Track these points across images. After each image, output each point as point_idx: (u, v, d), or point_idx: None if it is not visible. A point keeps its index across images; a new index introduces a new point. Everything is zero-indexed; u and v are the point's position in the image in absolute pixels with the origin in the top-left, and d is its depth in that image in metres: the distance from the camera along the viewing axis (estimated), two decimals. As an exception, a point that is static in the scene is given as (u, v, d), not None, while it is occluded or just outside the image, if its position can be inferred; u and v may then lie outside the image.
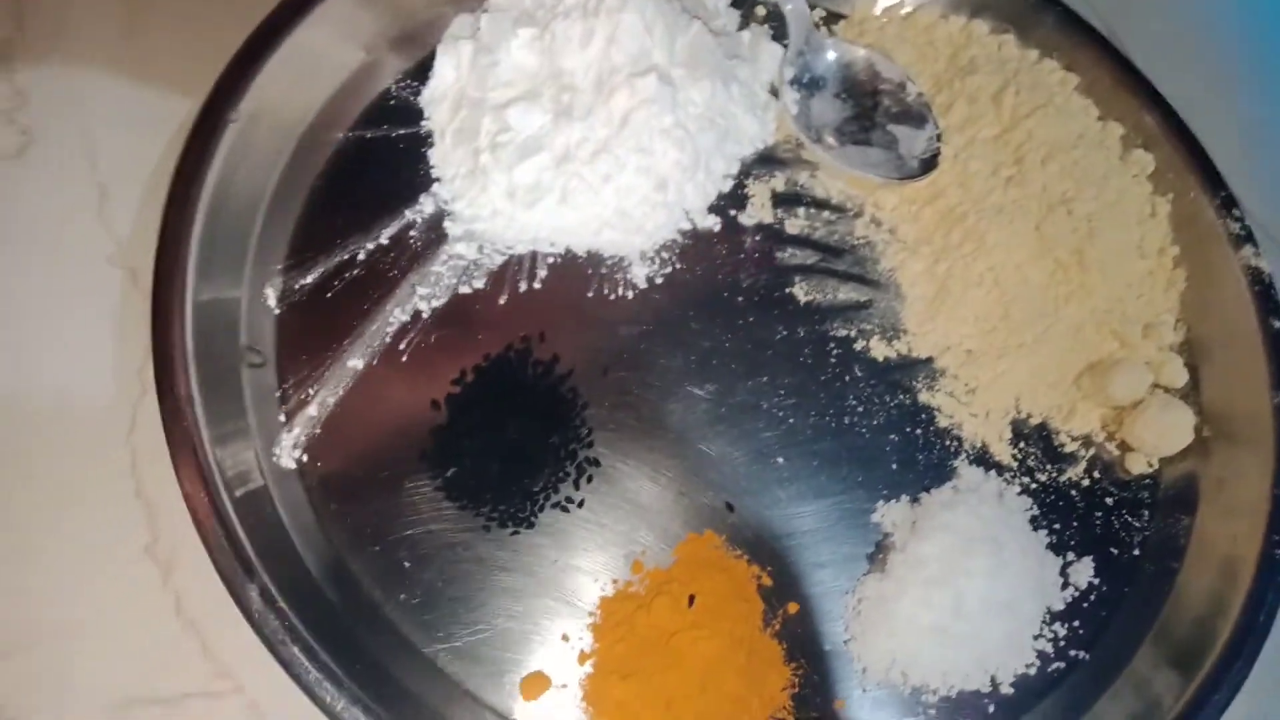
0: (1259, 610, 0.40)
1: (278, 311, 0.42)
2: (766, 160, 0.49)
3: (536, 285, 0.45)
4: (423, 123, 0.47)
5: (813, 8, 0.51)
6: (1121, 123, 0.50)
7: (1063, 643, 0.41)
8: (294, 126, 0.45)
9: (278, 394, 0.41)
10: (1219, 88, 0.57)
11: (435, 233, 0.45)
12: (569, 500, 0.41)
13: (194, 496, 0.36)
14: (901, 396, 0.45)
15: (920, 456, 0.44)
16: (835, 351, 0.46)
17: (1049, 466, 0.44)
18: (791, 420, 0.44)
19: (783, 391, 0.44)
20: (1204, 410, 0.46)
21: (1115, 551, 0.43)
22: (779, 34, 0.51)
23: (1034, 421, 0.45)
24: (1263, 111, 0.57)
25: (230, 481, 0.37)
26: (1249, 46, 0.59)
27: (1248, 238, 0.47)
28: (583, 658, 0.38)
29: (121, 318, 0.42)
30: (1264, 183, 0.53)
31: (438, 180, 0.46)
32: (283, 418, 0.40)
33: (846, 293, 0.47)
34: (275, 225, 0.44)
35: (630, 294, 0.45)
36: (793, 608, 0.41)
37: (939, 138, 0.48)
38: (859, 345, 0.46)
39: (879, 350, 0.46)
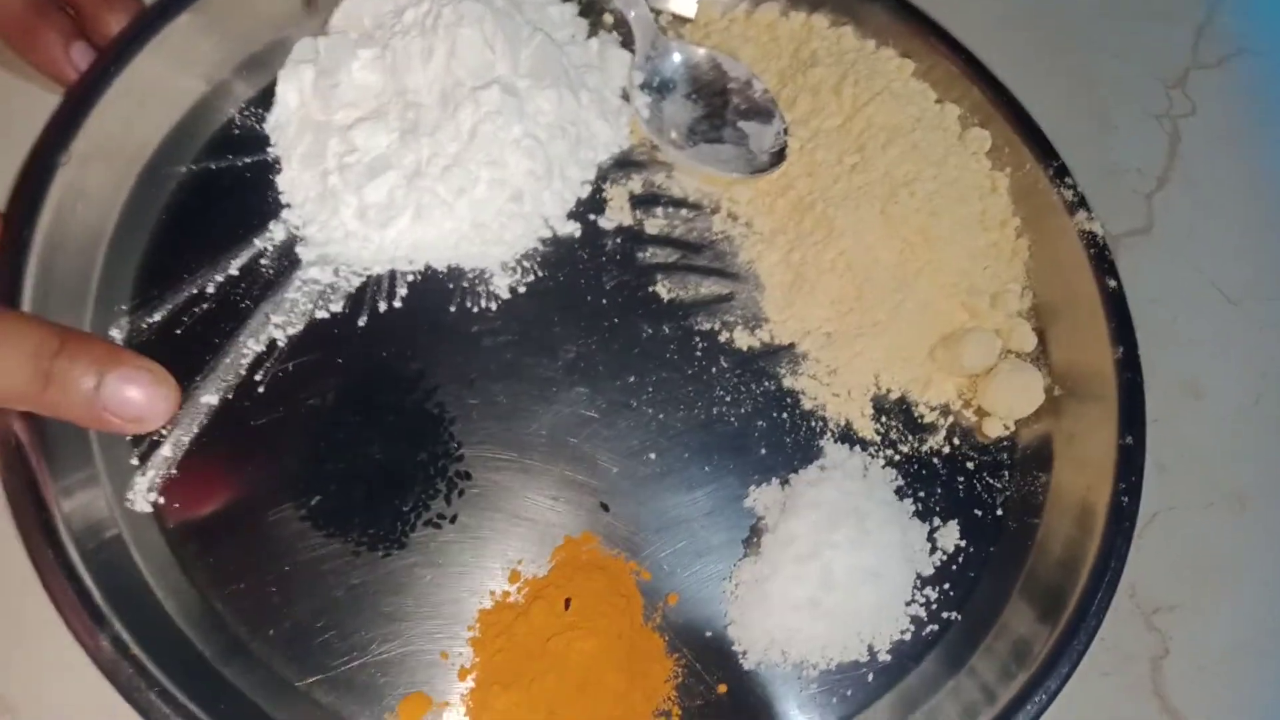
0: (1110, 555, 0.42)
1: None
2: (623, 164, 0.50)
3: (397, 304, 0.44)
4: (269, 149, 0.46)
5: (657, 14, 0.52)
6: (958, 104, 0.52)
7: (935, 605, 0.43)
8: (133, 162, 0.44)
9: (128, 437, 0.39)
10: (1048, 62, 0.60)
11: (288, 259, 0.44)
12: (441, 516, 0.41)
13: (39, 555, 0.35)
14: (767, 383, 0.46)
15: (788, 439, 0.45)
16: (701, 345, 0.46)
17: (910, 437, 0.46)
18: (662, 416, 0.45)
19: (651, 389, 0.45)
20: (1053, 371, 0.48)
21: (979, 513, 0.45)
22: (627, 41, 0.51)
23: (894, 396, 0.47)
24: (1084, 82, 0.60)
25: (80, 535, 0.36)
26: (1073, 18, 0.62)
27: (1081, 203, 0.49)
28: (463, 673, 0.38)
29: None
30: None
31: (287, 206, 0.45)
32: (135, 460, 0.39)
33: (708, 287, 0.48)
34: (118, 265, 0.42)
35: (494, 305, 0.45)
36: (672, 599, 0.41)
37: (786, 131, 0.50)
38: (723, 337, 0.47)
39: (743, 340, 0.47)
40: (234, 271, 0.43)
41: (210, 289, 0.43)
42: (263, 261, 0.44)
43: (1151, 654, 0.46)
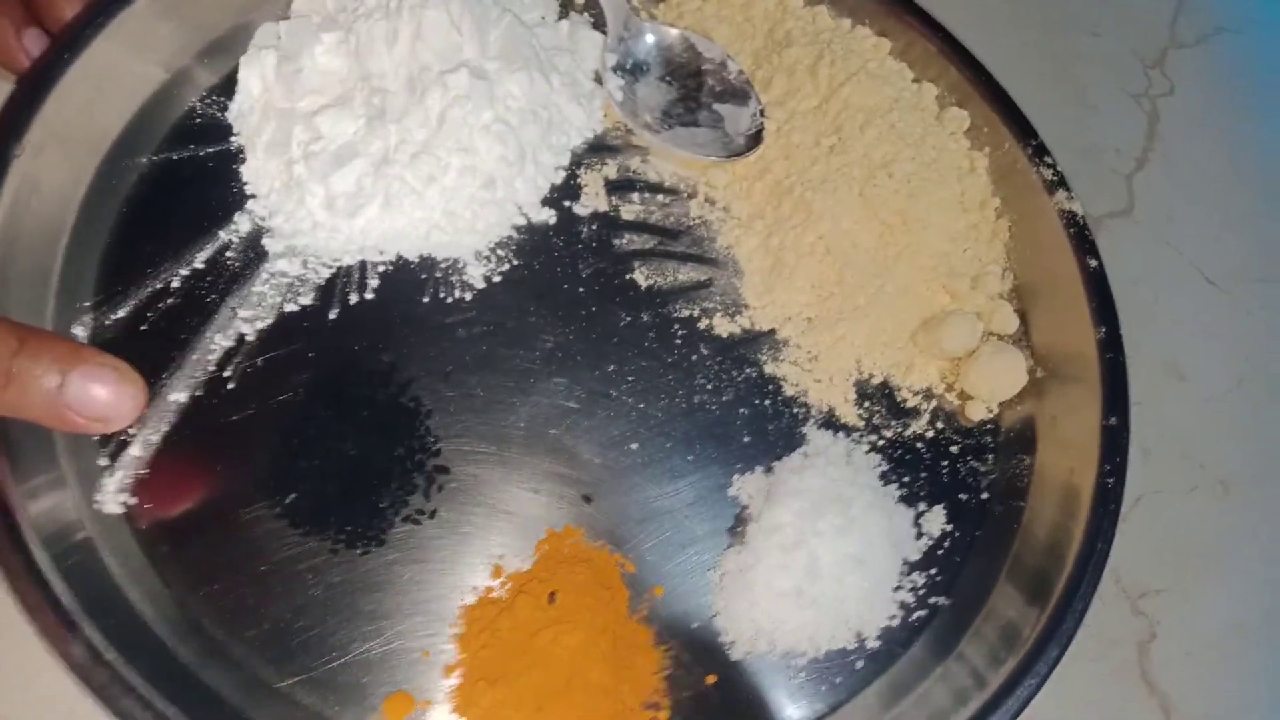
0: (1096, 538, 0.42)
1: (89, 350, 0.40)
2: (597, 148, 0.49)
3: (369, 296, 0.43)
4: (232, 138, 0.45)
5: (629, -7, 0.51)
6: (935, 83, 0.51)
7: (922, 590, 0.43)
8: (91, 153, 0.43)
9: (96, 437, 0.38)
10: (1025, 40, 0.59)
11: (254, 252, 0.43)
12: (420, 512, 0.40)
13: (6, 559, 0.33)
14: (748, 370, 0.45)
15: (771, 427, 0.44)
16: (680, 333, 0.46)
17: (894, 422, 0.46)
18: (642, 405, 0.44)
19: (631, 378, 0.44)
20: (1035, 352, 0.48)
21: (964, 497, 0.45)
22: (599, 22, 0.50)
23: (876, 381, 0.46)
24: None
25: (48, 539, 0.35)
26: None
27: (1060, 183, 0.49)
28: (448, 670, 0.38)
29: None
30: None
31: (253, 197, 0.44)
32: (104, 461, 0.38)
33: (686, 273, 0.47)
34: (78, 260, 0.41)
35: (468, 295, 0.44)
36: (658, 591, 0.41)
37: (762, 113, 0.49)
38: (703, 324, 0.46)
39: (722, 327, 0.46)
40: (199, 265, 0.42)
41: (175, 283, 0.42)
42: (228, 254, 0.43)
43: (1138, 638, 0.46)
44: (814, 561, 0.39)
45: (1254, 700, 0.46)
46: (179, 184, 0.43)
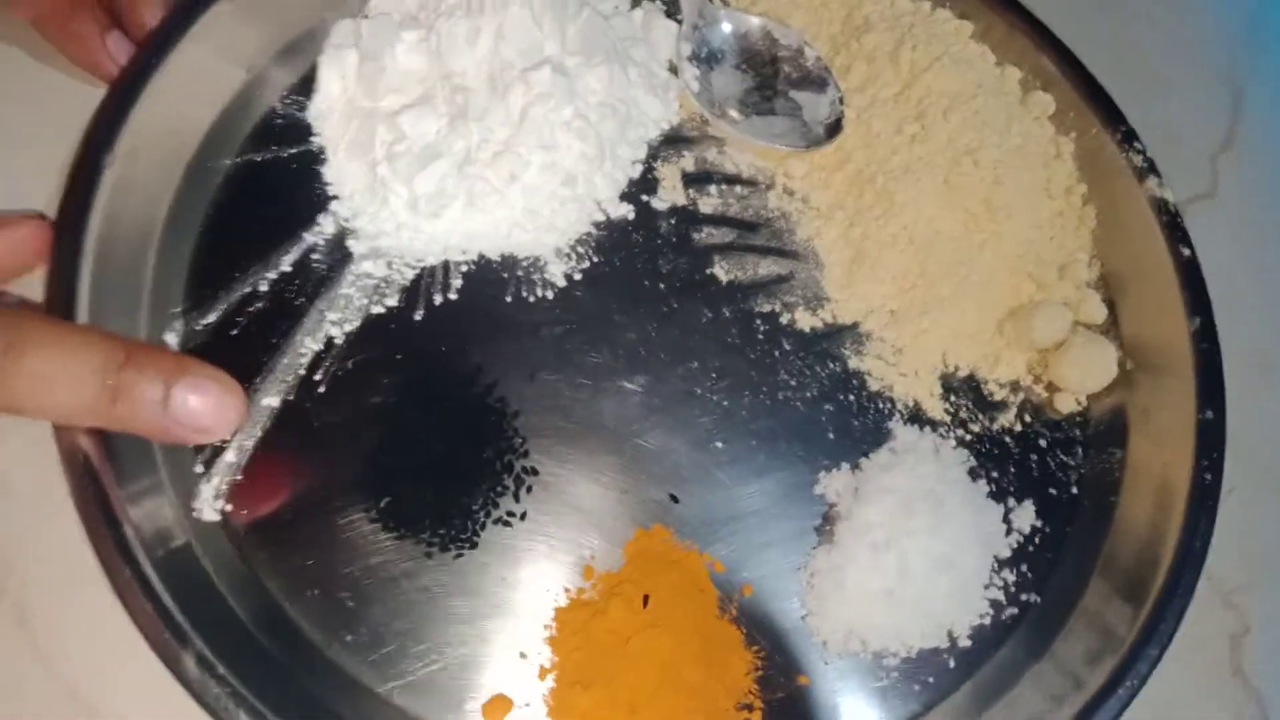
0: (1194, 535, 0.41)
1: (183, 357, 0.40)
2: (673, 141, 0.48)
3: (452, 296, 0.43)
4: (312, 139, 0.45)
5: (703, -21, 0.50)
6: (1019, 66, 0.50)
7: (1013, 588, 0.42)
8: (178, 157, 0.43)
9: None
10: (1105, 19, 0.57)
11: (339, 254, 0.43)
12: (510, 514, 0.40)
13: (113, 566, 0.34)
14: (831, 365, 0.45)
15: (856, 422, 0.44)
16: (762, 328, 0.45)
17: (981, 416, 0.45)
18: (726, 403, 0.43)
19: (714, 375, 0.44)
20: (1125, 343, 0.47)
21: (1054, 492, 0.44)
22: (672, 10, 0.50)
23: (962, 374, 0.46)
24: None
25: (149, 543, 0.35)
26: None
27: (1151, 169, 0.48)
28: (542, 673, 0.38)
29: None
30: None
31: (335, 198, 0.44)
32: (200, 468, 0.38)
33: (767, 267, 0.47)
34: (168, 266, 0.41)
35: (550, 294, 0.44)
36: (747, 590, 0.40)
37: (841, 100, 0.48)
38: (784, 319, 0.46)
39: (804, 321, 0.46)
40: (286, 268, 0.42)
41: (263, 287, 0.42)
42: (314, 257, 0.43)
43: (1231, 632, 0.45)
44: (905, 562, 0.39)
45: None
46: (263, 187, 0.44)
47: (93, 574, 0.34)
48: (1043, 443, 0.45)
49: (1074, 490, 0.44)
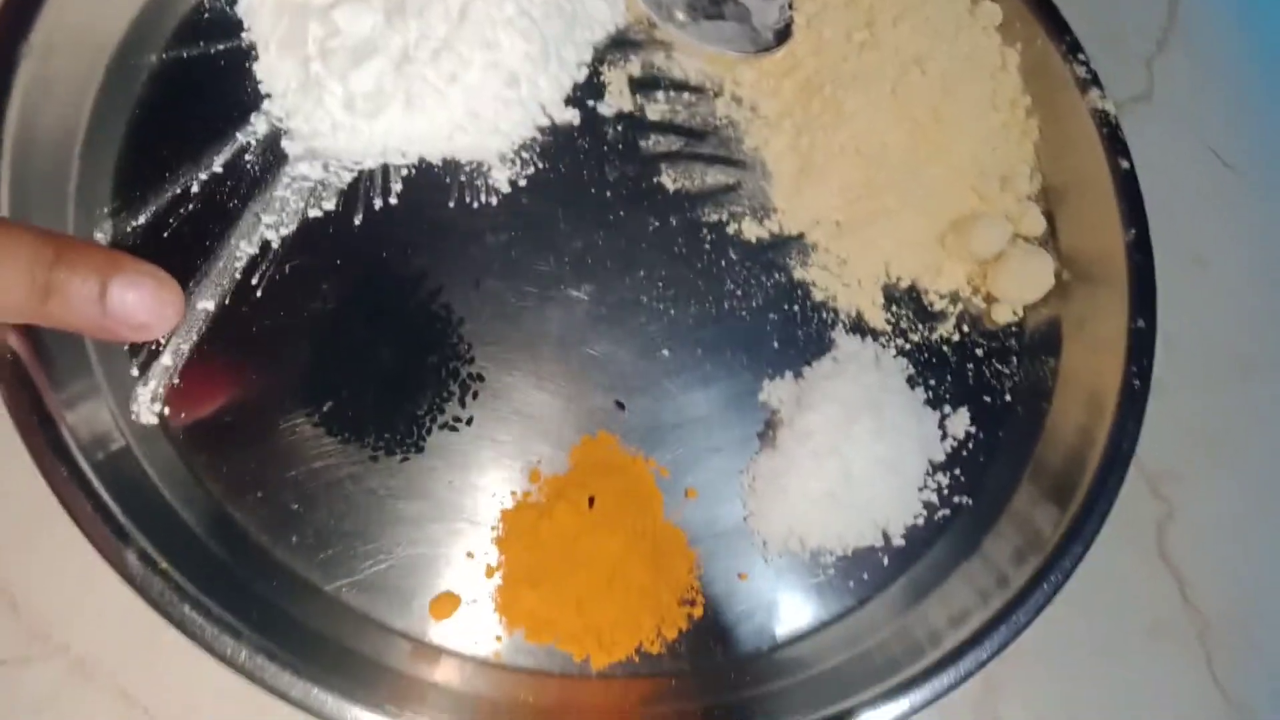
0: (1121, 439, 0.42)
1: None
2: (620, 44, 0.47)
3: (392, 200, 0.42)
4: (243, 34, 0.43)
5: (651, -124, 0.49)
6: (968, -26, 0.49)
7: (946, 491, 0.44)
8: (100, 52, 0.41)
9: (126, 346, 0.38)
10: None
11: (273, 154, 0.42)
12: (456, 419, 0.40)
13: (50, 468, 0.33)
14: (777, 275, 0.45)
15: (800, 332, 0.44)
16: (709, 237, 0.45)
17: (921, 326, 0.46)
18: (673, 311, 0.44)
19: (661, 284, 0.44)
20: (1062, 255, 0.48)
21: (988, 399, 0.45)
22: (619, -92, 0.48)
23: (904, 284, 0.46)
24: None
25: (87, 446, 0.35)
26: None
27: (1094, 81, 0.48)
28: (490, 571, 0.38)
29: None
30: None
31: (268, 96, 0.42)
32: (135, 371, 0.38)
33: (714, 176, 0.46)
34: (95, 165, 0.40)
35: (494, 200, 0.43)
36: (691, 494, 0.41)
37: (791, 5, 0.47)
38: (731, 229, 0.46)
39: (751, 231, 0.46)
40: (218, 169, 0.41)
41: (194, 188, 0.40)
42: (247, 157, 0.41)
43: (1156, 518, 0.47)
44: (847, 466, 0.40)
45: (1269, 578, 0.47)
46: (191, 84, 0.42)
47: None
48: (979, 352, 0.46)
49: (1007, 398, 0.46)
